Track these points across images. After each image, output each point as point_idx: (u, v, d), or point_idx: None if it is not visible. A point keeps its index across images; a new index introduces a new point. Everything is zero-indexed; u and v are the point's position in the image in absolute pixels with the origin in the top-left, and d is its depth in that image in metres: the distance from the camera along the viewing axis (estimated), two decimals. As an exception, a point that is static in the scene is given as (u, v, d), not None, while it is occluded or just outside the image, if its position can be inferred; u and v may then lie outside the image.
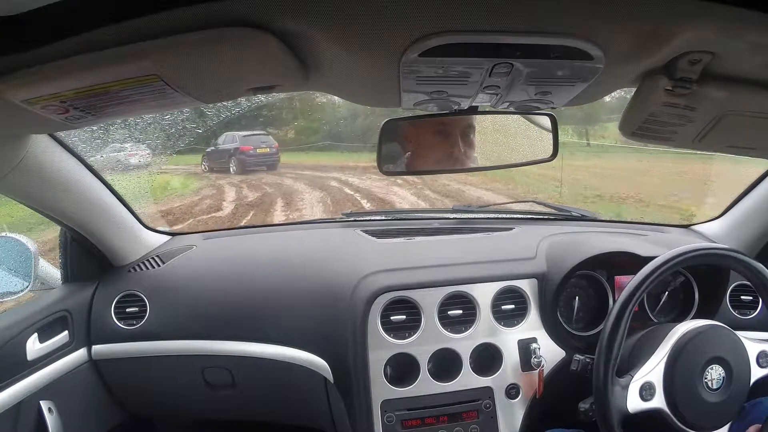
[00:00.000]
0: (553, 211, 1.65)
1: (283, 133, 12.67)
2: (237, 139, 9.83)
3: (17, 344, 1.06)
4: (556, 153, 0.93)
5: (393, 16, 0.44)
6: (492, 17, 0.44)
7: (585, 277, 1.24)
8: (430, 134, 0.93)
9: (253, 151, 9.95)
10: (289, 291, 1.27)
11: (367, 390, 1.13)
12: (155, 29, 0.45)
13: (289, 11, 0.44)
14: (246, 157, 9.89)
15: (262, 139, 10.12)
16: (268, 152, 10.08)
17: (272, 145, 10.19)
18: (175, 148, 4.17)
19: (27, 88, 0.51)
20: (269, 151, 10.11)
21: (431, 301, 1.16)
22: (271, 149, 10.14)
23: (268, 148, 10.05)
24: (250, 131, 9.90)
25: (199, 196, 7.98)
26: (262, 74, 0.57)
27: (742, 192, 1.33)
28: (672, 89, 0.56)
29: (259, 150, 9.94)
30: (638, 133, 0.66)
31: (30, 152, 0.85)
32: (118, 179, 4.86)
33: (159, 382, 1.33)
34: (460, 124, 0.93)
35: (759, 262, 0.96)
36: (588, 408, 0.97)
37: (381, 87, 0.60)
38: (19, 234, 1.15)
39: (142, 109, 0.65)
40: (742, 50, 0.50)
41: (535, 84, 0.57)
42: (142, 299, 1.28)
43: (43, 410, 1.09)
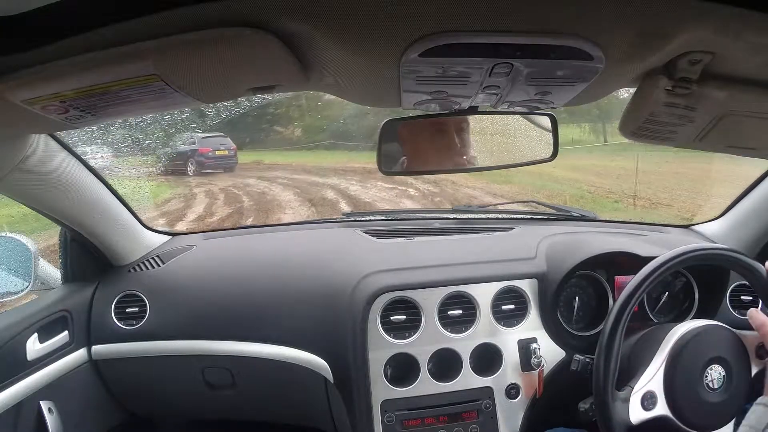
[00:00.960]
0: (553, 211, 1.65)
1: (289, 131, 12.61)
2: (196, 140, 9.69)
3: (17, 344, 1.06)
4: (556, 153, 0.93)
5: (393, 16, 0.44)
6: (492, 17, 0.44)
7: (585, 277, 1.24)
8: (425, 135, 0.94)
9: (212, 153, 9.89)
10: (290, 291, 1.27)
11: (367, 390, 1.13)
12: (155, 29, 0.45)
13: (289, 11, 0.44)
14: (204, 159, 9.82)
15: (221, 141, 10.05)
16: (227, 155, 10.07)
17: (231, 148, 10.19)
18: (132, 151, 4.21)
19: (27, 88, 0.51)
20: (228, 154, 10.10)
21: (431, 301, 1.16)
22: (230, 152, 10.16)
23: (226, 151, 10.04)
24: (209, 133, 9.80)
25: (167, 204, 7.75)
26: (263, 74, 0.57)
27: (742, 192, 1.33)
28: (672, 89, 0.56)
29: (218, 152, 9.90)
30: (638, 132, 0.66)
31: (30, 152, 0.85)
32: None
33: (159, 382, 1.33)
34: (455, 125, 0.93)
35: (759, 262, 0.96)
36: (588, 408, 0.97)
37: (381, 87, 0.60)
38: (19, 234, 1.15)
39: (142, 109, 0.65)
40: (742, 50, 0.50)
41: (535, 84, 0.57)
42: (142, 299, 1.28)
43: (43, 410, 1.09)
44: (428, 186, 8.00)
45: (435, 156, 0.95)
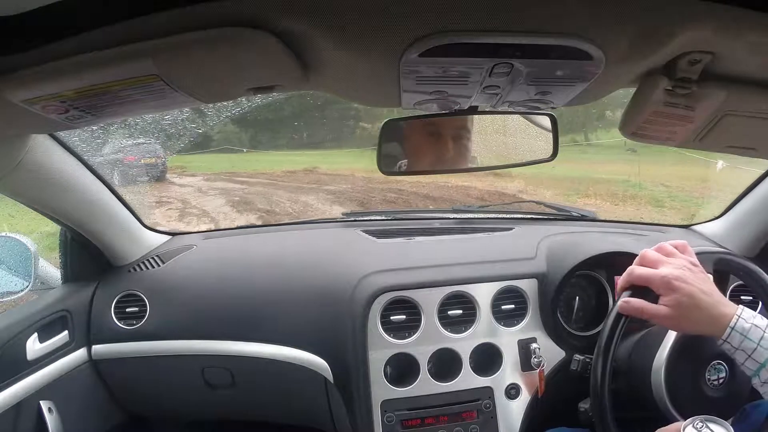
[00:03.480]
0: (553, 211, 1.65)
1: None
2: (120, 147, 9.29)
3: (17, 344, 1.06)
4: (556, 153, 0.93)
5: (393, 16, 0.44)
6: (492, 17, 0.44)
7: (585, 277, 1.24)
8: (422, 137, 0.94)
9: (137, 161, 8.90)
10: (289, 291, 1.27)
11: (367, 390, 1.13)
12: (155, 29, 0.45)
13: (289, 11, 0.44)
14: (128, 168, 8.74)
15: (148, 148, 8.99)
16: (155, 162, 9.29)
17: (159, 155, 9.33)
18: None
19: (27, 88, 0.51)
20: (155, 161, 9.28)
21: (431, 301, 1.16)
22: (159, 159, 9.33)
23: (154, 158, 9.20)
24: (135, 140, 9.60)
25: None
26: (262, 74, 0.57)
27: (742, 192, 1.33)
28: (672, 89, 0.56)
29: (144, 160, 8.97)
30: (638, 133, 0.66)
31: (30, 152, 0.85)
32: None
33: (159, 382, 1.33)
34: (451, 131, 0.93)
35: (759, 264, 0.96)
36: (588, 408, 0.97)
37: (381, 87, 0.60)
38: (19, 234, 1.15)
39: (142, 109, 0.65)
40: (742, 50, 0.50)
41: (535, 84, 0.57)
42: (142, 299, 1.28)
43: (43, 410, 1.09)
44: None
45: (431, 159, 0.96)
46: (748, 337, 0.72)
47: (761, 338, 0.72)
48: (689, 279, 0.75)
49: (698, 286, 0.75)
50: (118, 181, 8.74)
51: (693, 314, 0.74)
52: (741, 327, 0.72)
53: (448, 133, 0.93)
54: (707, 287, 0.76)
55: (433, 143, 0.93)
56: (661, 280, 0.76)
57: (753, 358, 0.72)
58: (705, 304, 0.74)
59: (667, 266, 0.77)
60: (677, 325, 0.78)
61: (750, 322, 0.73)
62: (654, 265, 0.79)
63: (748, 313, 0.74)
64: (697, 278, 0.76)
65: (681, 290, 0.74)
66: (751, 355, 0.72)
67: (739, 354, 0.73)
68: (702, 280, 0.77)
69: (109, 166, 8.89)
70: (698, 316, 0.74)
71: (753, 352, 0.71)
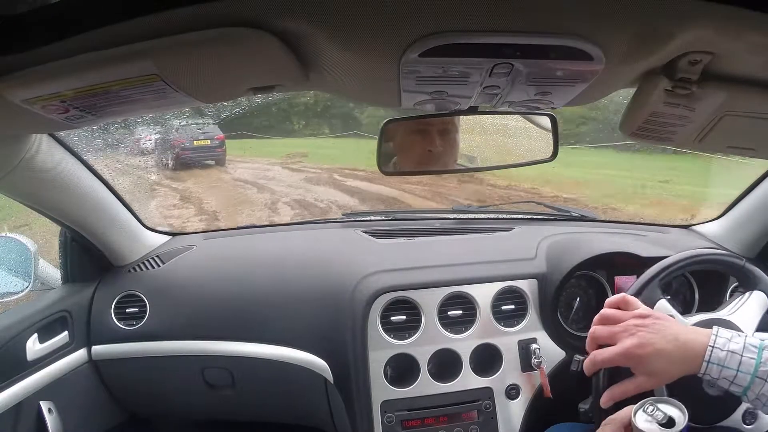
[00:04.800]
0: (553, 212, 1.65)
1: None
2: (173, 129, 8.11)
3: (17, 344, 1.06)
4: (556, 153, 0.93)
5: (393, 16, 0.44)
6: (492, 17, 0.44)
7: (585, 277, 1.24)
8: (409, 135, 0.94)
9: (189, 143, 8.30)
10: (289, 291, 1.26)
11: (367, 390, 1.13)
12: (155, 29, 0.45)
13: (290, 11, 0.44)
14: (180, 150, 8.24)
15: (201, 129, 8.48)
16: (209, 144, 8.48)
17: (214, 137, 8.54)
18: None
19: (27, 88, 0.51)
20: (209, 144, 8.49)
21: (431, 302, 1.16)
22: (213, 141, 8.53)
23: (208, 140, 8.44)
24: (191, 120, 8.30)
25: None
26: (263, 74, 0.57)
27: (742, 192, 1.33)
28: (672, 89, 0.56)
29: (196, 142, 8.35)
30: (638, 133, 0.66)
31: (30, 152, 0.85)
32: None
33: (159, 383, 1.33)
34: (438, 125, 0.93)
35: (759, 264, 0.96)
36: (588, 408, 0.97)
37: (381, 87, 0.60)
38: (19, 234, 1.15)
39: (142, 109, 0.65)
40: (742, 50, 0.50)
41: (535, 84, 0.57)
42: (142, 299, 1.28)
43: (42, 410, 1.09)
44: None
45: (417, 157, 0.96)
46: (726, 366, 0.70)
47: (740, 363, 0.70)
48: (648, 339, 0.73)
49: (660, 340, 0.73)
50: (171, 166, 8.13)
51: (669, 368, 0.72)
52: (716, 358, 0.71)
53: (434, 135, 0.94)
54: (668, 333, 0.74)
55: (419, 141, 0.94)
56: (625, 357, 0.73)
57: (736, 383, 0.70)
58: (674, 353, 0.72)
59: (622, 337, 0.75)
60: (658, 384, 0.77)
61: (725, 349, 0.71)
62: (610, 340, 0.76)
63: (722, 338, 0.72)
64: (654, 332, 0.74)
65: (646, 356, 0.72)
66: (734, 381, 0.70)
67: (722, 382, 0.71)
68: (660, 331, 0.74)
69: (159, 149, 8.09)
70: (673, 366, 0.72)
71: (734, 378, 0.70)
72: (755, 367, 0.69)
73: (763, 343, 0.71)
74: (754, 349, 0.70)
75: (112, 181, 1.20)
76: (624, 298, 0.81)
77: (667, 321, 0.77)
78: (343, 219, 1.62)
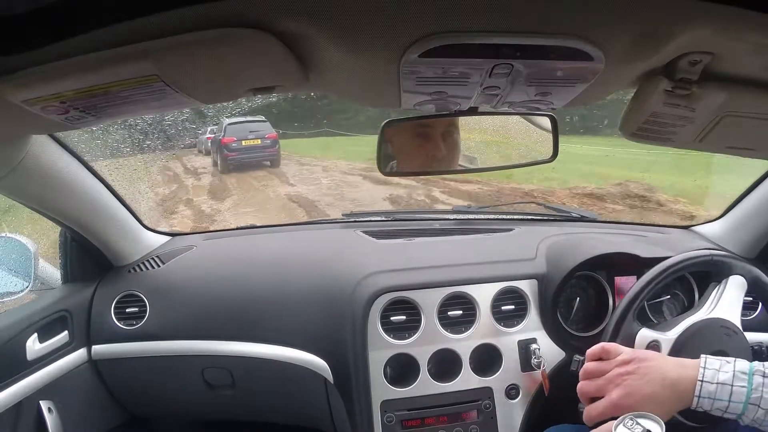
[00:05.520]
0: (553, 212, 1.65)
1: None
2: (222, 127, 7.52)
3: (17, 344, 1.06)
4: (556, 154, 0.93)
5: (393, 16, 0.44)
6: (492, 18, 0.44)
7: (585, 278, 1.24)
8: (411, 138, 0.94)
9: (237, 144, 7.62)
10: (289, 291, 1.27)
11: (367, 390, 1.13)
12: (155, 29, 0.45)
13: (290, 11, 0.44)
14: (229, 151, 7.60)
15: (250, 127, 7.74)
16: (259, 144, 7.76)
17: (265, 135, 7.81)
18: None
19: (27, 88, 0.51)
20: (260, 143, 7.77)
21: (431, 302, 1.16)
22: (264, 141, 7.79)
23: (258, 140, 7.73)
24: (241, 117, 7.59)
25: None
26: (262, 75, 0.57)
27: (742, 193, 1.33)
28: (672, 90, 0.56)
29: (245, 142, 7.65)
30: (638, 133, 0.66)
31: (30, 152, 0.85)
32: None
33: (159, 383, 1.33)
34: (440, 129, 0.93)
35: (759, 265, 0.96)
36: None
37: (381, 87, 0.60)
38: (19, 234, 1.15)
39: (142, 109, 0.65)
40: (742, 51, 0.50)
41: (535, 85, 0.57)
42: (142, 299, 1.28)
43: (42, 410, 1.09)
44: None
45: (421, 160, 0.96)
46: (717, 398, 0.71)
47: (731, 393, 0.70)
48: (634, 386, 0.73)
49: (646, 385, 0.73)
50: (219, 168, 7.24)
51: (660, 409, 0.72)
52: (707, 392, 0.71)
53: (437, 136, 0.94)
54: (654, 375, 0.74)
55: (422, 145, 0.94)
56: (615, 408, 0.73)
57: (729, 412, 0.71)
58: (663, 394, 0.73)
59: (609, 389, 0.75)
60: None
61: (715, 381, 0.71)
62: (598, 394, 0.77)
63: (711, 370, 0.72)
64: (640, 377, 0.74)
65: (636, 404, 0.72)
66: (727, 410, 0.71)
67: (715, 412, 0.72)
68: (644, 374, 0.74)
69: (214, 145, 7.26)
70: (664, 407, 0.73)
71: (727, 408, 0.71)
72: (746, 395, 0.70)
73: (752, 367, 0.72)
74: (743, 377, 0.71)
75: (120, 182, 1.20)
76: (603, 348, 0.81)
77: (651, 361, 0.77)
78: (343, 219, 1.62)
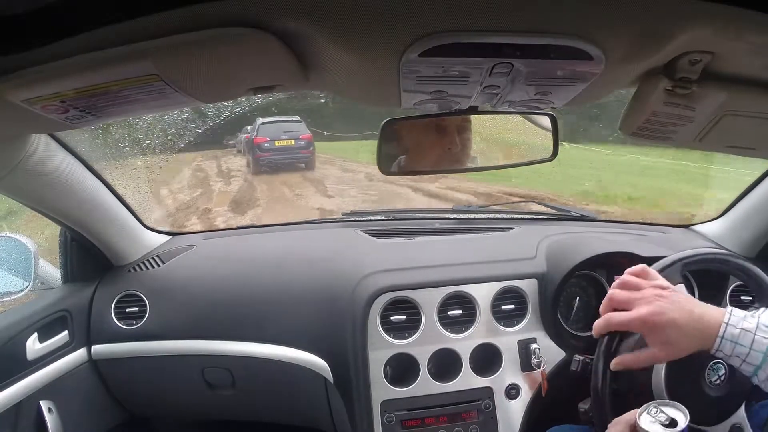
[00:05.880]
0: (553, 211, 1.65)
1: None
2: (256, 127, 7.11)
3: (17, 344, 1.06)
4: (556, 153, 0.93)
5: (393, 16, 0.44)
6: (492, 17, 0.44)
7: (585, 277, 1.24)
8: (426, 134, 0.94)
9: (270, 144, 7.16)
10: (289, 291, 1.27)
11: (367, 390, 1.13)
12: (155, 29, 0.45)
13: (289, 11, 0.44)
14: (261, 151, 7.16)
15: (284, 127, 7.26)
16: (293, 145, 7.27)
17: (299, 136, 7.31)
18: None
19: (27, 88, 0.51)
20: (293, 144, 7.27)
21: (431, 301, 1.16)
22: (298, 142, 7.30)
23: (292, 140, 7.24)
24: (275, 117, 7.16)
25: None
26: (262, 74, 0.57)
27: (742, 192, 1.33)
28: (672, 89, 0.56)
29: (278, 142, 7.16)
30: (638, 133, 0.66)
31: (30, 152, 0.85)
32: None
33: (159, 382, 1.33)
34: (457, 125, 0.93)
35: (759, 264, 0.96)
36: (588, 408, 0.97)
37: (381, 87, 0.60)
38: (19, 234, 1.15)
39: (142, 109, 0.65)
40: (742, 50, 0.50)
41: (535, 84, 0.57)
42: (142, 299, 1.28)
43: (42, 410, 1.09)
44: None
45: (435, 156, 0.95)
46: (739, 342, 0.71)
47: (752, 341, 0.70)
48: (665, 308, 0.73)
49: (676, 311, 0.73)
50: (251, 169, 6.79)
51: (682, 340, 0.73)
52: (730, 334, 0.71)
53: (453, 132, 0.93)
54: (685, 306, 0.74)
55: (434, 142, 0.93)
56: (641, 322, 0.74)
57: (748, 362, 0.71)
58: (689, 325, 0.73)
59: (640, 304, 0.75)
60: (671, 356, 0.77)
61: (739, 327, 0.71)
62: (627, 305, 0.77)
63: (737, 317, 0.73)
64: (671, 303, 0.74)
65: (662, 324, 0.72)
66: (746, 359, 0.71)
67: (734, 360, 0.72)
68: (676, 302, 0.75)
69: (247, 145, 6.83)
70: (687, 340, 0.73)
71: (747, 356, 0.71)
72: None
73: None
74: (767, 329, 0.71)
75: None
76: (644, 268, 0.81)
77: (684, 296, 0.77)
78: (342, 219, 1.62)
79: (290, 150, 7.32)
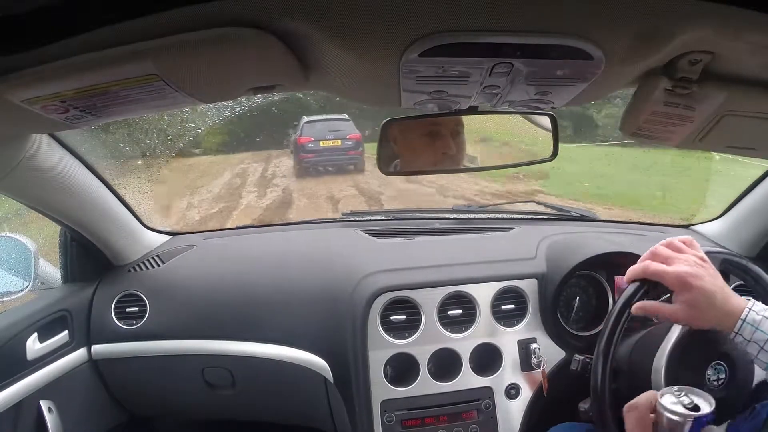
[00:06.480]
0: (553, 211, 1.65)
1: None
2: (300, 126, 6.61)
3: (17, 344, 1.06)
4: (556, 153, 0.93)
5: (393, 16, 0.44)
6: (492, 17, 0.44)
7: (585, 277, 1.24)
8: (422, 139, 0.94)
9: (314, 145, 6.60)
10: (289, 291, 1.27)
11: (367, 390, 1.13)
12: (155, 29, 0.45)
13: (289, 11, 0.44)
14: (305, 153, 6.62)
15: (330, 126, 6.69)
16: (339, 146, 6.65)
17: (346, 136, 6.67)
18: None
19: (27, 88, 0.51)
20: (340, 145, 6.65)
21: (431, 301, 1.16)
22: (345, 142, 6.67)
23: (339, 140, 6.62)
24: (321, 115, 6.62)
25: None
26: (262, 74, 0.57)
27: (742, 192, 1.33)
28: (672, 89, 0.56)
29: (323, 143, 6.58)
30: (638, 132, 0.67)
31: (30, 152, 0.85)
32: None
33: (159, 382, 1.33)
34: (450, 128, 0.93)
35: (759, 264, 0.96)
36: (588, 408, 0.97)
37: (381, 87, 0.60)
38: (19, 234, 1.15)
39: (142, 109, 0.65)
40: (742, 50, 0.50)
41: (535, 84, 0.57)
42: (142, 299, 1.28)
43: (42, 410, 1.09)
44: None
45: (431, 157, 0.96)
46: (760, 328, 0.72)
47: None
48: (702, 275, 0.76)
49: (711, 282, 0.76)
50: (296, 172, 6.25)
51: (707, 311, 0.75)
52: (752, 319, 0.73)
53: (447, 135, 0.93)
54: (719, 282, 0.77)
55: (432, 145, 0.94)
56: (677, 278, 0.76)
57: (766, 350, 0.72)
58: (718, 299, 0.75)
59: (679, 263, 0.78)
60: (690, 321, 0.79)
61: (761, 315, 0.73)
62: (666, 261, 0.79)
63: (760, 305, 0.75)
64: (706, 274, 0.77)
65: (695, 288, 0.75)
66: (764, 347, 0.72)
67: (752, 346, 0.73)
68: (713, 275, 0.77)
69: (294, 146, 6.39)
70: (712, 311, 0.75)
71: (765, 343, 0.72)
72: None
73: None
74: None
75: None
76: (691, 239, 0.84)
77: (718, 275, 0.79)
78: (343, 219, 1.62)
79: (337, 151, 6.72)
